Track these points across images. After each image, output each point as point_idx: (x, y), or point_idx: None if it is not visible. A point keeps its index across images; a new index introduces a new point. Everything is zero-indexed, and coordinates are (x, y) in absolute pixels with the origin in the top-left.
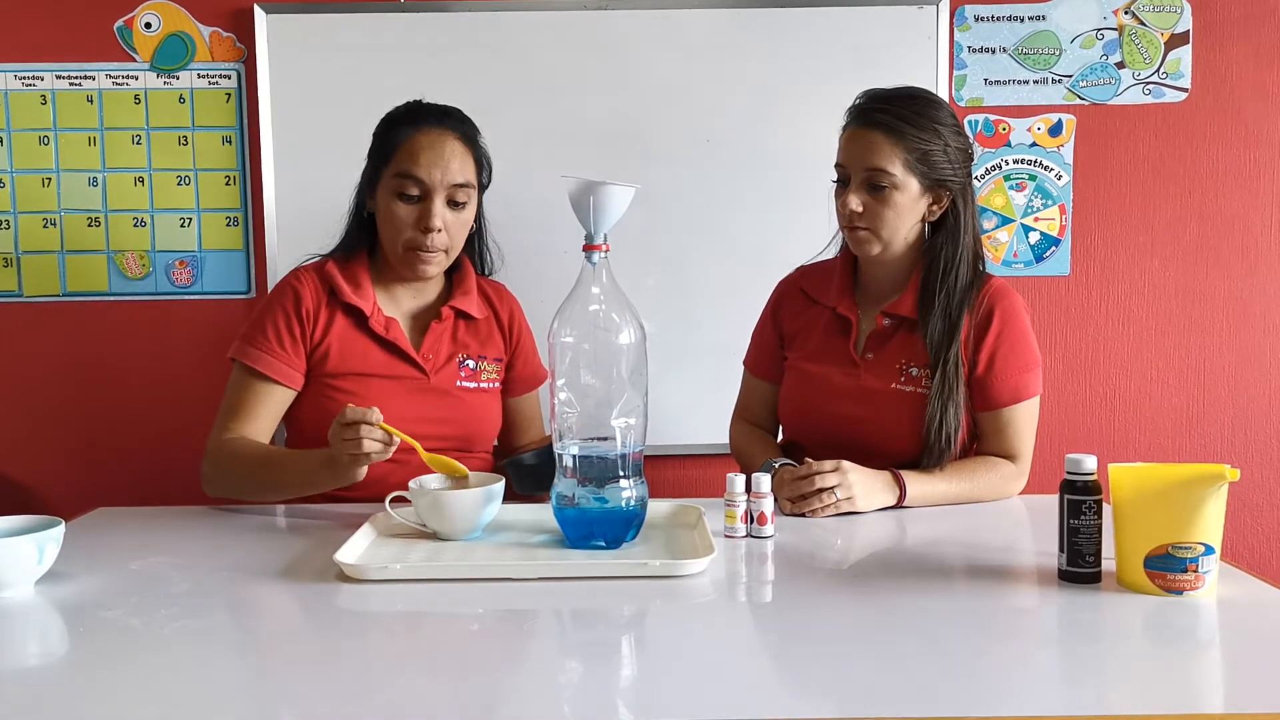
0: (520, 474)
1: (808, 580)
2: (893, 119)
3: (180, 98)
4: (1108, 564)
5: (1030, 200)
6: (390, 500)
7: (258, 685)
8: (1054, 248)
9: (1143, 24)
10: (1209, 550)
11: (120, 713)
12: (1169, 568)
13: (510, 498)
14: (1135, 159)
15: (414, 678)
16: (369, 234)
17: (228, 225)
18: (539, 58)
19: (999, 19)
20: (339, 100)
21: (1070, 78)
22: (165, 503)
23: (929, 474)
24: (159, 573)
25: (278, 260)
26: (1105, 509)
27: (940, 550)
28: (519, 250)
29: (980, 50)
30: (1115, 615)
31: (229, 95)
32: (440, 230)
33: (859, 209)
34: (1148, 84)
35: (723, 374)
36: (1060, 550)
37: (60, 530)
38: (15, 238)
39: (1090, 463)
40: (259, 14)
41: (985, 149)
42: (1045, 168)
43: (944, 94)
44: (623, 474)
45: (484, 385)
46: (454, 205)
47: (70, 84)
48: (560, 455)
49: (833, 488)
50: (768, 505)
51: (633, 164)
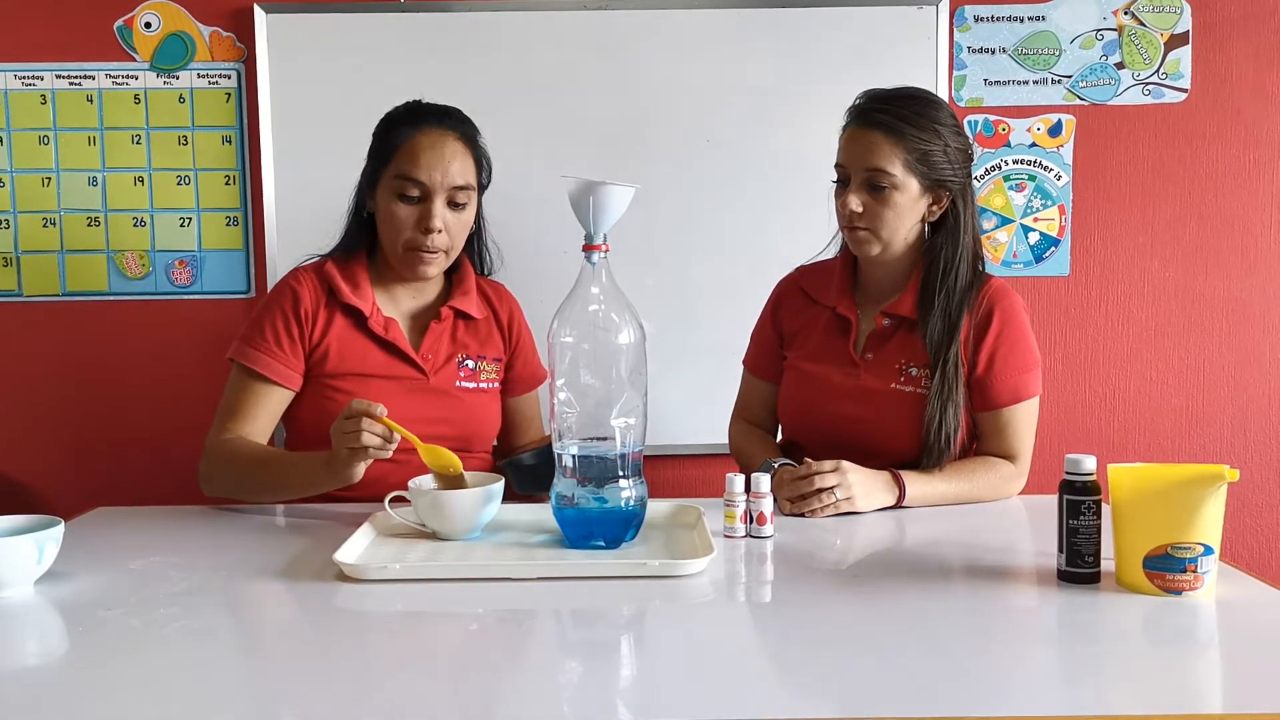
0: (519, 474)
1: (807, 580)
2: (893, 119)
3: (180, 97)
4: (1107, 564)
5: (1030, 200)
6: (390, 500)
7: (257, 685)
8: (1053, 248)
9: (1142, 24)
10: (1208, 550)
11: (120, 712)
12: (1168, 568)
13: (510, 498)
14: (1135, 159)
15: (413, 677)
16: (368, 234)
17: (227, 225)
18: (539, 58)
19: (999, 19)
20: (339, 100)
21: (1070, 78)
22: (165, 502)
23: (928, 474)
24: (158, 572)
25: (277, 260)
26: (1104, 509)
27: (940, 550)
28: (519, 250)
29: (980, 50)
30: (1114, 615)
31: (229, 95)
32: (440, 231)
33: (859, 209)
34: (1147, 84)
35: (722, 374)
36: (1059, 550)
37: (60, 530)
38: (15, 237)
39: (1089, 463)
40: (259, 14)
41: (985, 149)
42: (1045, 168)
43: (944, 94)
44: (622, 474)
45: (483, 385)
46: (454, 206)
47: (70, 84)
48: (560, 455)
49: (832, 488)
50: (767, 505)
51: (633, 164)
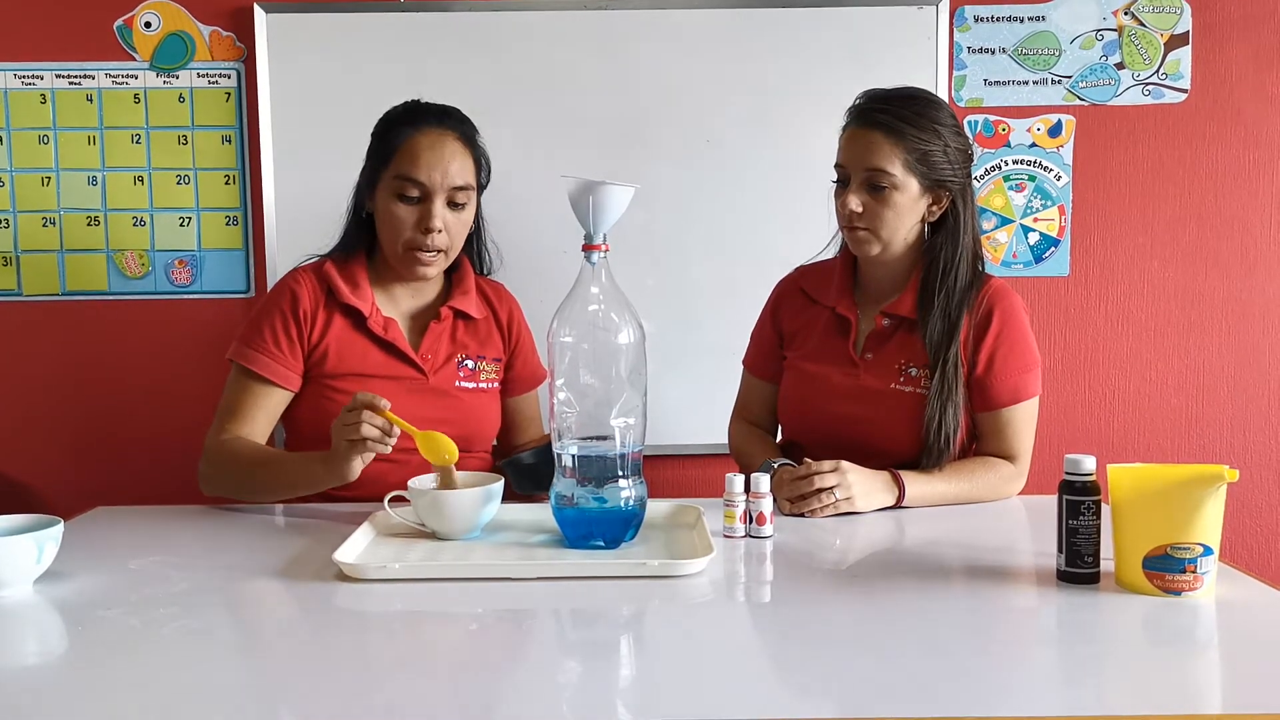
0: (519, 473)
1: (806, 580)
2: (893, 119)
3: (180, 97)
4: (1106, 564)
5: (1030, 201)
6: (389, 500)
7: (256, 684)
8: (1053, 248)
9: (1142, 25)
10: (1207, 551)
11: (119, 712)
12: (1167, 568)
13: (509, 497)
14: (1135, 160)
15: (413, 677)
16: (367, 234)
17: (227, 224)
18: (539, 58)
19: (999, 19)
20: (339, 100)
21: (1070, 78)
22: (164, 502)
23: (928, 474)
24: (158, 572)
25: (277, 260)
26: (1104, 509)
27: (939, 551)
28: (518, 250)
29: (980, 51)
30: (1114, 616)
31: (229, 94)
32: (440, 231)
33: (859, 209)
34: (1147, 85)
35: (722, 374)
36: (1059, 551)
37: (59, 529)
38: (15, 237)
39: (1089, 463)
40: (259, 13)
41: (985, 149)
42: (1045, 168)
43: (944, 94)
44: (622, 474)
45: (483, 385)
46: (454, 206)
47: (70, 83)
48: (559, 455)
49: (832, 488)
50: (767, 505)
51: (633, 164)
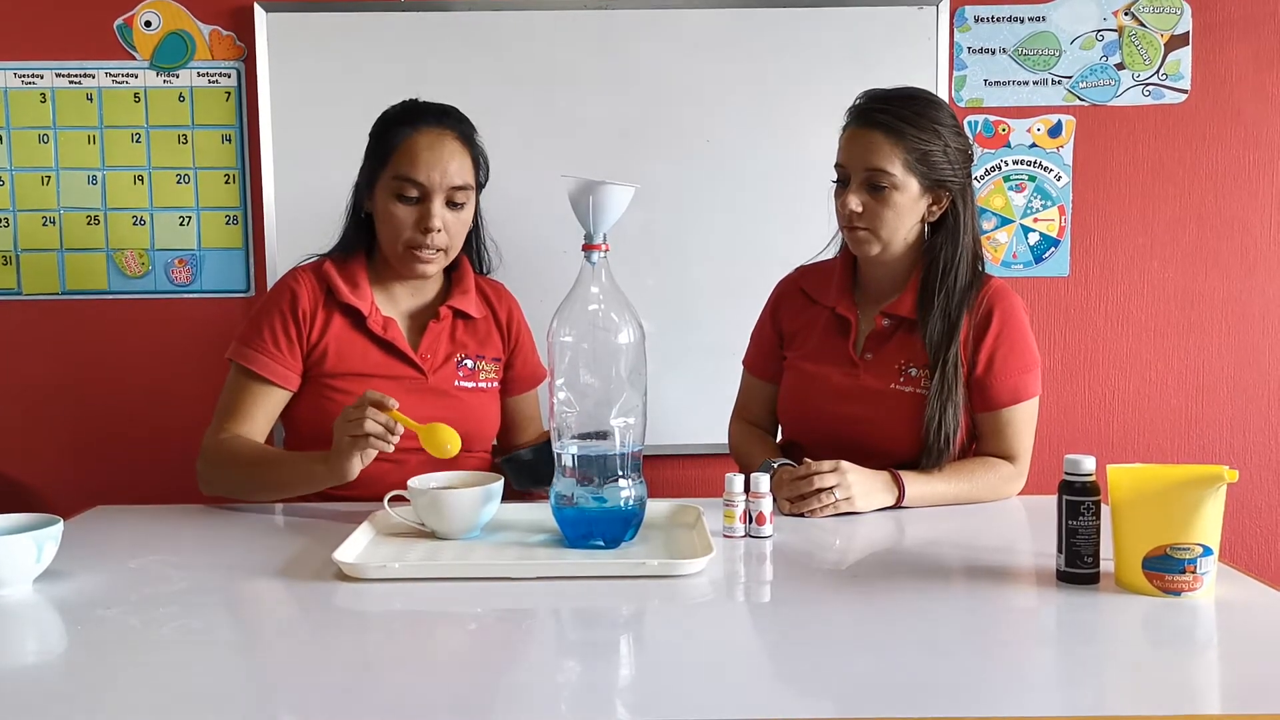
0: (518, 470)
1: (806, 580)
2: (893, 119)
3: (180, 96)
4: (1106, 565)
5: (1030, 201)
6: (389, 499)
7: (256, 684)
8: (1053, 249)
9: (1142, 25)
10: (1207, 551)
11: (118, 711)
12: (1167, 569)
13: (509, 495)
14: (1135, 160)
15: (412, 677)
16: (367, 234)
17: (227, 224)
18: (539, 57)
19: (999, 20)
20: (339, 99)
21: (1070, 79)
22: (164, 501)
23: (928, 474)
24: (157, 571)
25: (277, 259)
26: (1104, 510)
27: (939, 551)
28: (518, 249)
29: (980, 51)
30: (1113, 616)
31: (229, 94)
32: (440, 231)
33: (859, 209)
34: (1147, 85)
35: (722, 374)
36: (1059, 551)
37: (58, 528)
38: (14, 236)
39: (1089, 463)
40: (259, 12)
41: (985, 150)
42: (1045, 169)
43: (944, 95)
44: (621, 473)
45: (482, 385)
46: (453, 206)
47: (70, 82)
48: (559, 455)
49: (831, 488)
50: (766, 505)
51: (633, 164)
